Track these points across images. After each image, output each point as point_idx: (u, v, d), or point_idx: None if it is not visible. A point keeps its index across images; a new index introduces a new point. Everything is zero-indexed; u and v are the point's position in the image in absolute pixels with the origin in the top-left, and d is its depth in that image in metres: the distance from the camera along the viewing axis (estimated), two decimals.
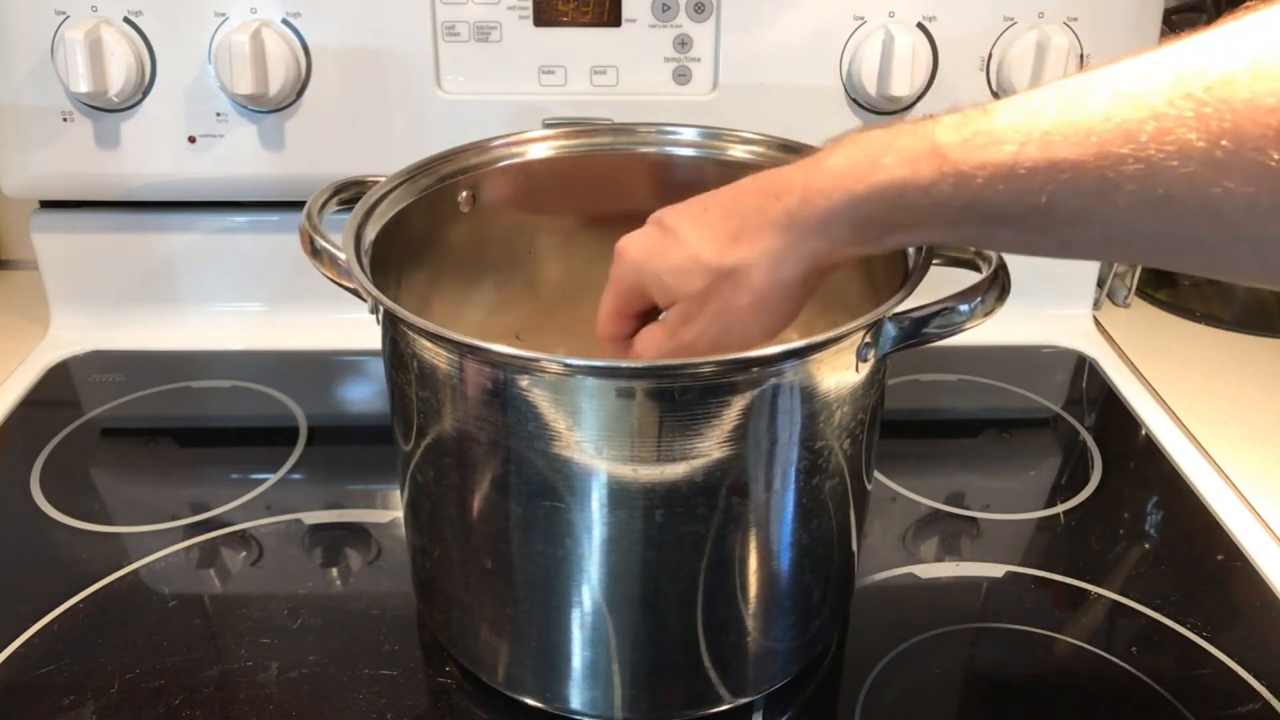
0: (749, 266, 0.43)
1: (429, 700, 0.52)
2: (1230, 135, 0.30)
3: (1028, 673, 0.55)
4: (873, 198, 0.39)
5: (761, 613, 0.49)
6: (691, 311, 0.45)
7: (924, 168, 0.37)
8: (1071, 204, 0.34)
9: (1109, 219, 0.34)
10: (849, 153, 0.40)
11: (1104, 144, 0.32)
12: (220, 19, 0.74)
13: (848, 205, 0.39)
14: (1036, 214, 0.35)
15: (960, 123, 0.37)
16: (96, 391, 0.78)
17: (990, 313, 0.47)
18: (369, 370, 0.81)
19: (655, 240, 0.46)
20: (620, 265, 0.48)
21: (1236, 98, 0.30)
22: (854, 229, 0.40)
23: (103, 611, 0.57)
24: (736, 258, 0.43)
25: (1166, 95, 0.31)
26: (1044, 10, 0.75)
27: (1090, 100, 0.33)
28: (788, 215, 0.41)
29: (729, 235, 0.43)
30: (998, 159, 0.35)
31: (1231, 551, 0.63)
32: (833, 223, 0.40)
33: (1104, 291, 0.90)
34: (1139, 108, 0.32)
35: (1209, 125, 0.30)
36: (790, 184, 0.42)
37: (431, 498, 0.49)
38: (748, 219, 0.43)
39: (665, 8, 0.75)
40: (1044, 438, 0.75)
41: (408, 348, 0.45)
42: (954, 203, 0.36)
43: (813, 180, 0.41)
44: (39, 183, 0.79)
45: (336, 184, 0.55)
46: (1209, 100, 0.30)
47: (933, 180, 0.37)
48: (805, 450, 0.45)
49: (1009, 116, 0.35)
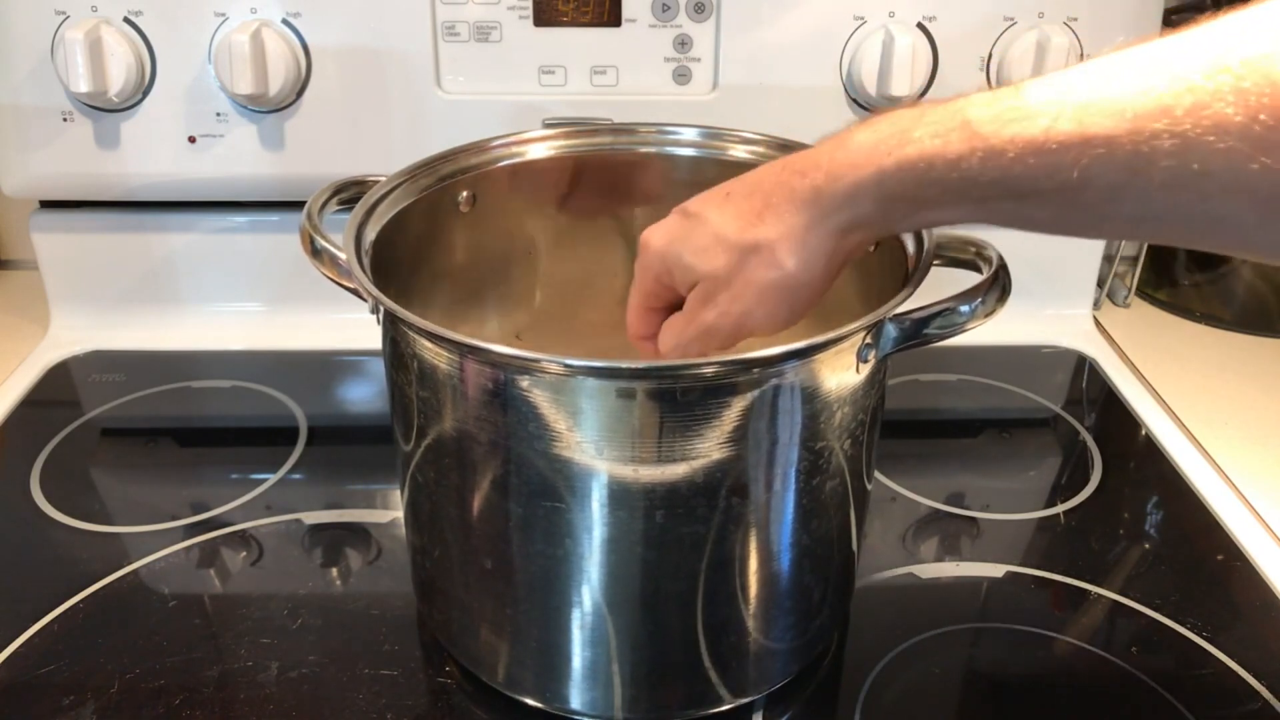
0: (774, 243, 0.42)
1: (429, 700, 0.52)
2: (1269, 110, 0.30)
3: (1028, 673, 0.55)
4: (901, 172, 0.38)
5: (761, 613, 0.49)
6: (714, 291, 0.44)
7: (954, 142, 0.36)
8: (1104, 179, 0.33)
9: (1142, 195, 0.33)
10: (877, 129, 0.39)
11: (1139, 118, 0.32)
12: (220, 19, 0.73)
13: (875, 180, 0.39)
14: (1068, 189, 0.34)
15: (991, 99, 0.36)
16: (96, 391, 0.78)
17: (991, 313, 0.47)
18: (369, 370, 0.81)
19: (678, 226, 0.46)
20: (644, 256, 0.47)
21: (1276, 73, 0.30)
22: (881, 205, 0.40)
23: (103, 611, 0.57)
24: (761, 234, 0.42)
25: (1204, 70, 0.31)
26: (1044, 10, 0.75)
27: (1125, 75, 0.33)
28: (814, 191, 0.41)
29: (753, 213, 0.43)
30: (1029, 133, 0.34)
31: (1231, 551, 0.63)
32: (860, 198, 0.40)
33: (1104, 291, 0.90)
34: (1175, 82, 0.32)
35: (1247, 100, 0.30)
36: (816, 161, 0.41)
37: (431, 498, 0.49)
38: (772, 197, 0.42)
39: (665, 8, 0.75)
40: (1044, 438, 0.75)
41: (408, 348, 0.45)
42: (984, 178, 0.36)
43: (839, 156, 0.40)
44: (39, 183, 0.79)
45: (336, 184, 0.55)
46: (1247, 75, 0.30)
47: (962, 154, 0.36)
48: (806, 451, 0.45)
49: (1041, 92, 0.35)
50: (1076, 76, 0.35)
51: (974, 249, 0.51)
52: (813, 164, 0.41)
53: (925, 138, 0.37)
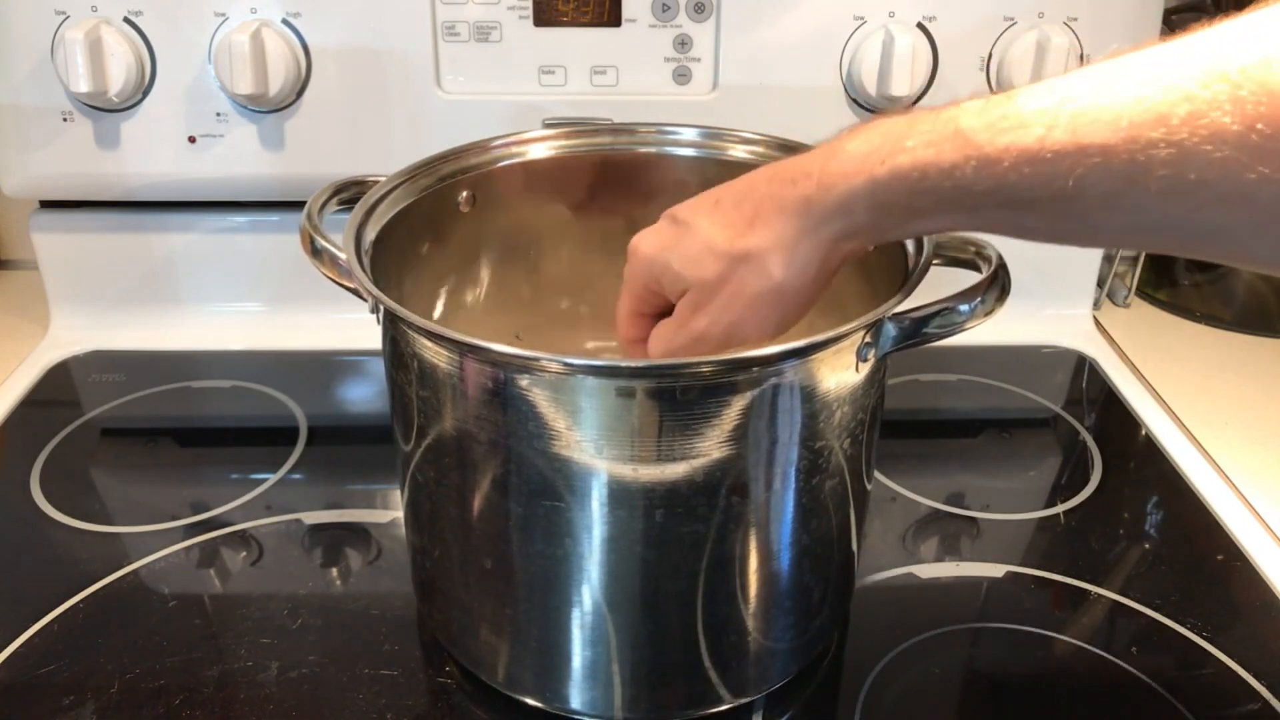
0: (764, 252, 0.42)
1: (429, 700, 0.52)
2: (1267, 119, 0.29)
3: (1028, 673, 0.55)
4: (894, 181, 0.38)
5: (761, 613, 0.49)
6: (703, 300, 0.44)
7: (947, 151, 0.36)
8: (1100, 189, 0.33)
9: (1138, 204, 0.33)
10: (868, 137, 0.39)
11: (1134, 127, 0.32)
12: (220, 19, 0.74)
13: (867, 189, 0.39)
14: (1063, 199, 0.34)
15: (985, 107, 0.36)
16: (96, 391, 0.78)
17: (990, 313, 0.47)
18: (369, 370, 0.81)
19: (667, 234, 0.46)
20: (633, 263, 0.47)
21: (1273, 81, 0.29)
22: (873, 214, 0.39)
23: (103, 611, 0.57)
24: (751, 243, 0.42)
25: (1200, 78, 0.31)
26: (1044, 10, 0.75)
27: (1120, 84, 0.33)
28: (804, 200, 0.41)
29: (743, 222, 0.42)
30: (1024, 142, 0.34)
31: (1231, 551, 0.63)
32: (852, 207, 0.40)
33: (1104, 291, 0.90)
34: (1171, 91, 0.31)
35: (1244, 109, 0.30)
36: (806, 170, 0.41)
37: (431, 498, 0.49)
38: (762, 206, 0.42)
39: (665, 8, 0.75)
40: (1044, 438, 0.75)
41: (408, 347, 0.45)
42: (978, 187, 0.36)
43: (831, 165, 0.40)
44: (39, 183, 0.79)
45: (336, 184, 0.55)
46: (1244, 84, 0.30)
47: (956, 163, 0.36)
48: (805, 450, 0.45)
49: (1036, 101, 0.35)
50: (1071, 83, 0.34)
51: (973, 248, 0.51)
52: (803, 172, 0.41)
53: (918, 146, 0.37)
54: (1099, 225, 0.35)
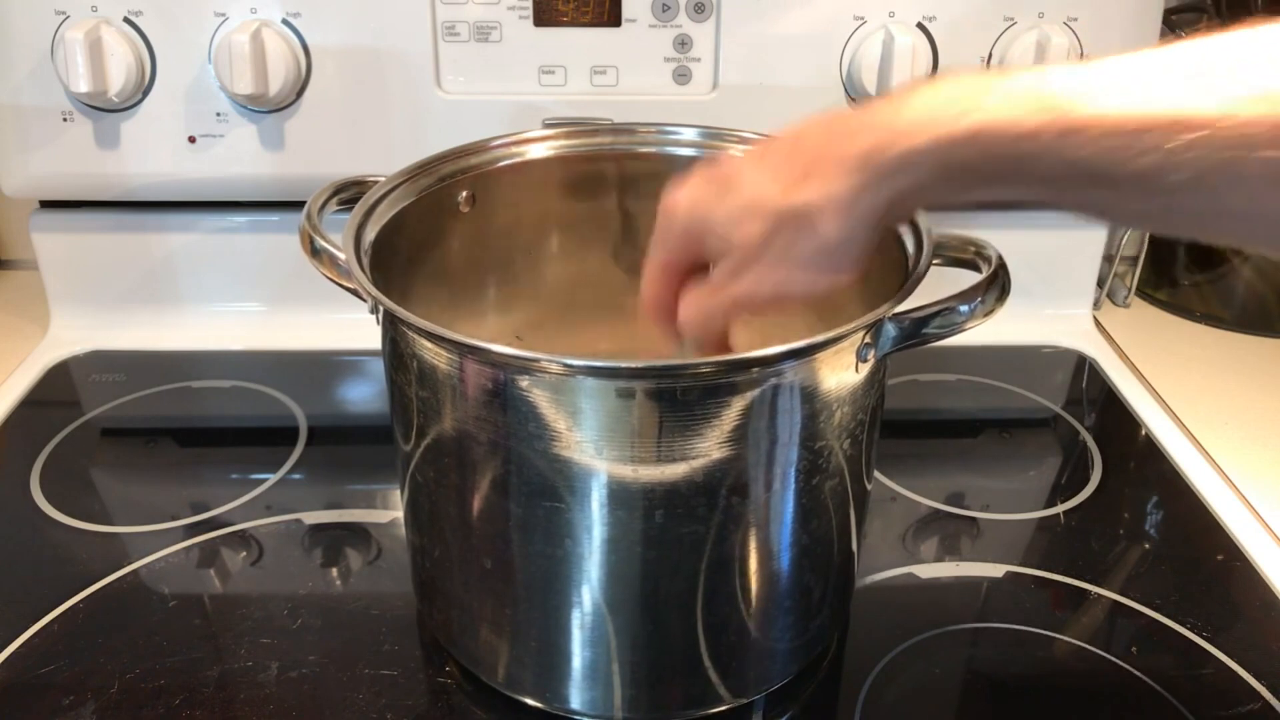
0: (818, 209, 0.38)
1: (429, 700, 0.52)
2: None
3: (1028, 673, 0.55)
4: (968, 141, 0.35)
5: (761, 613, 0.49)
6: (746, 262, 0.41)
7: (1032, 114, 0.33)
8: (1191, 168, 0.31)
9: (1231, 187, 0.31)
10: (940, 92, 0.36)
11: (1237, 103, 0.30)
12: (220, 19, 0.73)
13: (937, 148, 0.36)
14: (1149, 175, 0.32)
15: (1073, 72, 0.34)
16: (96, 391, 0.78)
17: (990, 313, 0.47)
18: (369, 370, 0.81)
19: (707, 188, 0.42)
20: (669, 220, 0.43)
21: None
22: (940, 175, 0.36)
23: (103, 611, 0.57)
24: (803, 199, 0.39)
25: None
26: (1044, 10, 0.75)
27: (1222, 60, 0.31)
28: (864, 156, 0.37)
29: (794, 177, 0.39)
30: (1114, 112, 0.32)
31: (1231, 551, 0.63)
32: (917, 166, 0.36)
33: (1104, 291, 0.90)
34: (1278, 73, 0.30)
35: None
36: (868, 124, 0.38)
37: (431, 498, 0.49)
38: (816, 160, 0.39)
39: (665, 8, 0.75)
40: (1044, 438, 0.75)
41: (408, 348, 0.45)
42: (1062, 155, 0.33)
43: (897, 119, 0.37)
44: (39, 183, 0.79)
45: (336, 184, 0.55)
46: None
47: (1039, 128, 0.33)
48: (805, 450, 0.45)
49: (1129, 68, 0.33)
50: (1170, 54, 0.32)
51: (973, 248, 0.51)
52: (864, 125, 0.38)
53: (999, 107, 0.34)
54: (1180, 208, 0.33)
